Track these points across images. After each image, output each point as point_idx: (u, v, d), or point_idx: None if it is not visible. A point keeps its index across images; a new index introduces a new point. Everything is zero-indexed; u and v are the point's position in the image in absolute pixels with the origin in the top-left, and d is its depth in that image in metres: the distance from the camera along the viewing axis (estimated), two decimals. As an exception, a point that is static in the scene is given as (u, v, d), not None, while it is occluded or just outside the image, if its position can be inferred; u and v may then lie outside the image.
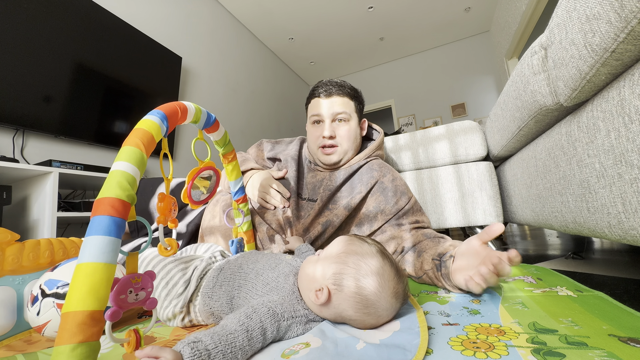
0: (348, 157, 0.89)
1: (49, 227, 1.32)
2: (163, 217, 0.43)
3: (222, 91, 3.23)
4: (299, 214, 0.83)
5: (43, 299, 0.50)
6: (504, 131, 0.96)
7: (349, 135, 0.87)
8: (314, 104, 0.90)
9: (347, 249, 0.46)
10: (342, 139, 0.87)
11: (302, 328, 0.44)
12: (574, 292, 0.54)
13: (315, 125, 0.89)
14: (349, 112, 0.87)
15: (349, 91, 0.89)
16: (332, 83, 0.89)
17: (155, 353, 0.31)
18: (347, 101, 0.88)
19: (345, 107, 0.87)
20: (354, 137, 0.89)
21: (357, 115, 0.91)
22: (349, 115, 0.87)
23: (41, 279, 0.53)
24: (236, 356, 0.35)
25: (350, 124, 0.88)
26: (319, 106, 0.88)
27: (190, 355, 0.32)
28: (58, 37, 1.67)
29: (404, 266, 0.72)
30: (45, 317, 0.49)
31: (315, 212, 0.81)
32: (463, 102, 4.49)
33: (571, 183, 0.61)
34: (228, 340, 0.35)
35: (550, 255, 1.06)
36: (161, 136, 0.41)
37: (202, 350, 0.33)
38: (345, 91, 0.88)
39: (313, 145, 0.90)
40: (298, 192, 0.87)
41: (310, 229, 0.80)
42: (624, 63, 0.42)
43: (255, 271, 0.51)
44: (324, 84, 0.89)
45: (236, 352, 0.35)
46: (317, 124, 0.89)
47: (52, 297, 0.50)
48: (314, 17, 3.76)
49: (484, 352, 0.34)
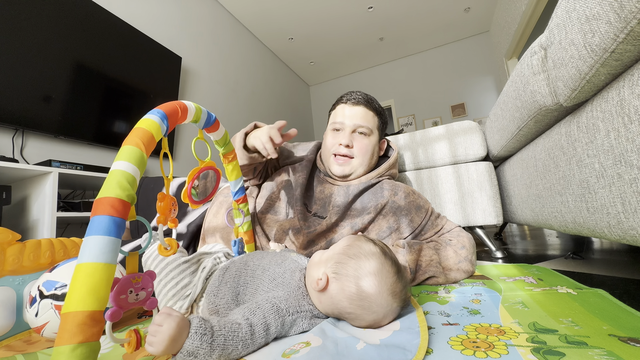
0: (359, 173, 0.87)
1: (49, 227, 1.32)
2: (163, 216, 0.43)
3: (222, 91, 3.23)
4: (305, 225, 0.80)
5: (41, 300, 0.50)
6: (504, 131, 0.96)
7: (366, 149, 0.86)
8: (339, 110, 0.89)
9: (352, 244, 0.48)
10: (358, 152, 0.85)
11: (307, 323, 0.44)
12: (574, 289, 0.54)
13: (335, 132, 0.89)
14: (371, 126, 0.87)
15: (375, 106, 0.89)
16: (361, 94, 0.89)
17: (168, 311, 0.34)
18: (371, 115, 0.88)
19: (369, 120, 0.87)
20: (371, 153, 0.88)
21: (378, 132, 0.90)
22: (370, 130, 0.87)
23: (39, 279, 0.52)
24: (237, 346, 0.36)
25: (370, 139, 0.87)
26: (343, 113, 0.88)
27: (196, 326, 0.35)
28: (58, 37, 1.67)
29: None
30: (44, 319, 0.49)
31: (322, 229, 0.79)
32: (463, 102, 4.49)
33: (571, 183, 0.61)
34: (232, 329, 0.37)
35: (550, 255, 1.06)
36: (161, 135, 0.41)
37: (207, 327, 0.35)
38: (372, 106, 0.88)
39: (327, 151, 0.89)
40: (305, 203, 0.85)
41: (314, 243, 0.79)
42: (624, 63, 0.42)
43: (261, 267, 0.51)
44: (354, 93, 0.89)
45: (237, 342, 0.36)
46: (337, 131, 0.88)
47: (50, 299, 0.50)
48: (314, 17, 3.76)
49: (483, 351, 0.34)
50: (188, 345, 0.33)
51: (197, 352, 0.34)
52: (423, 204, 0.83)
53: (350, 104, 0.88)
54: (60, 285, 0.50)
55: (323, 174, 0.92)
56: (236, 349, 0.36)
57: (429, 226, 0.81)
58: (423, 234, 0.80)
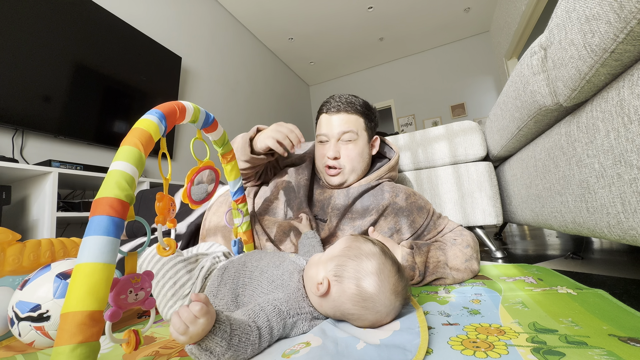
0: (354, 178, 0.87)
1: (49, 227, 1.32)
2: (162, 217, 0.43)
3: (221, 91, 3.23)
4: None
5: (19, 323, 0.46)
6: (504, 131, 0.96)
7: (354, 156, 0.84)
8: (322, 121, 0.88)
9: (351, 245, 0.47)
10: (347, 160, 0.84)
11: (307, 325, 0.44)
12: (574, 289, 0.54)
13: (322, 144, 0.87)
14: (356, 130, 0.84)
15: (358, 108, 0.85)
16: (341, 99, 0.85)
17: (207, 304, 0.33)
18: (355, 119, 0.84)
19: (353, 125, 0.84)
20: (361, 157, 0.85)
21: (366, 133, 0.87)
22: (355, 134, 0.84)
23: (12, 299, 0.49)
24: (247, 349, 0.36)
25: (357, 143, 0.84)
26: (325, 124, 0.86)
27: (221, 321, 0.35)
28: (58, 37, 1.67)
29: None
30: (28, 338, 0.47)
31: (325, 234, 0.79)
32: (463, 102, 4.49)
33: (570, 183, 0.61)
34: (245, 331, 0.37)
35: (549, 255, 1.06)
36: (159, 136, 0.41)
37: (227, 324, 0.35)
38: (355, 107, 0.85)
39: (319, 163, 0.88)
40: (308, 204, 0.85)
41: None
42: (624, 63, 0.42)
43: (259, 269, 0.51)
44: (334, 99, 0.86)
45: (247, 345, 0.36)
46: (323, 143, 0.87)
47: (28, 321, 0.46)
48: (314, 17, 3.76)
49: (483, 351, 0.34)
50: (209, 340, 0.33)
51: (214, 349, 0.34)
52: (424, 205, 0.82)
53: (330, 113, 0.85)
54: (34, 307, 0.47)
55: (321, 180, 0.92)
56: (245, 352, 0.36)
57: (431, 226, 0.81)
58: (425, 234, 0.80)
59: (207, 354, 0.33)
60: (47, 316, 0.47)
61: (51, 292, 0.48)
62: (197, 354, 0.34)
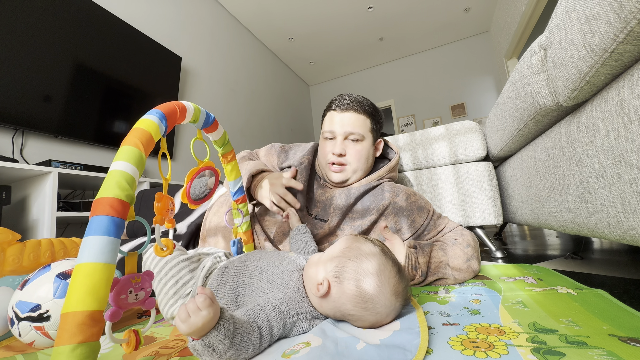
0: (357, 177, 0.87)
1: (49, 227, 1.32)
2: (160, 217, 0.43)
3: (221, 91, 3.23)
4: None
5: (19, 323, 0.47)
6: (504, 131, 0.96)
7: (359, 155, 0.85)
8: (329, 117, 0.88)
9: (351, 245, 0.47)
10: (352, 158, 0.85)
11: (307, 325, 0.44)
12: (574, 289, 0.54)
13: (327, 140, 0.88)
14: (362, 131, 0.85)
15: (366, 108, 0.86)
16: (350, 98, 0.86)
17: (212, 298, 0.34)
18: (362, 119, 0.85)
19: (360, 126, 0.85)
20: (365, 157, 0.86)
21: (372, 134, 0.87)
22: (362, 135, 0.85)
23: (12, 299, 0.49)
24: (248, 349, 0.36)
25: (363, 144, 0.85)
26: (333, 122, 0.86)
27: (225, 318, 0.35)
28: (58, 37, 1.67)
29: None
30: (28, 338, 0.47)
31: (324, 232, 0.79)
32: (462, 103, 4.49)
33: (570, 183, 0.61)
34: (247, 330, 0.37)
35: (549, 255, 1.06)
36: (160, 136, 0.41)
37: (231, 322, 0.35)
38: (363, 108, 0.86)
39: (322, 160, 0.88)
40: (306, 206, 0.85)
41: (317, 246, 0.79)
42: (624, 63, 0.42)
43: (259, 268, 0.51)
44: (343, 97, 0.87)
45: (249, 345, 0.36)
46: (330, 140, 0.87)
47: (28, 321, 0.46)
48: (314, 17, 3.76)
49: (483, 351, 0.34)
50: (212, 337, 0.33)
51: (217, 346, 0.34)
52: (424, 205, 0.83)
53: (339, 111, 0.86)
54: (34, 307, 0.47)
55: (322, 180, 0.92)
56: (247, 352, 0.36)
57: (431, 226, 0.81)
58: (425, 234, 0.80)
59: (209, 350, 0.34)
60: (47, 316, 0.47)
61: (51, 292, 0.48)
62: (200, 350, 0.34)
